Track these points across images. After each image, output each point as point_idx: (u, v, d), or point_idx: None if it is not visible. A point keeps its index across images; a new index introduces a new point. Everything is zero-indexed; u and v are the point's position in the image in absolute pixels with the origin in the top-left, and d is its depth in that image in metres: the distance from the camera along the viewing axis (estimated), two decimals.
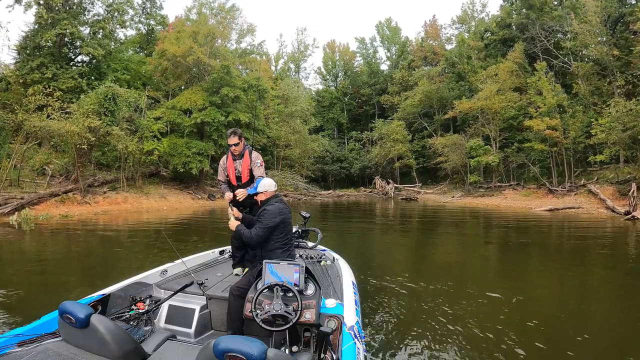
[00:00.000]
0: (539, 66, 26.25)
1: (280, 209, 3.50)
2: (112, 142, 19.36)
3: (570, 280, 6.92)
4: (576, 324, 4.63)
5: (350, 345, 2.50)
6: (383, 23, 52.64)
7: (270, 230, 3.41)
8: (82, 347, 2.17)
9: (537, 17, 31.26)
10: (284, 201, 3.71)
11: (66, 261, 8.42)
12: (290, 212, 3.68)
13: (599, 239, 11.54)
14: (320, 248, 5.10)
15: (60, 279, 6.69)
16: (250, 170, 4.23)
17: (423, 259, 9.41)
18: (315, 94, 52.71)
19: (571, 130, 23.73)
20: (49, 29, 24.91)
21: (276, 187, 3.73)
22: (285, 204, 3.68)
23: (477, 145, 28.93)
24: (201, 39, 26.69)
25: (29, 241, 11.17)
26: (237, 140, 4.12)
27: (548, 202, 21.61)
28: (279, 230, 3.47)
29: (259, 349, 1.69)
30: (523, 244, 10.90)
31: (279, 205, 3.53)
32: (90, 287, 2.81)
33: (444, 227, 15.43)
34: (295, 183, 34.77)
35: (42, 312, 2.73)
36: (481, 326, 4.38)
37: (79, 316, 2.13)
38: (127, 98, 20.72)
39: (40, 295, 5.68)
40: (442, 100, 37.86)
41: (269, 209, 3.48)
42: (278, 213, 3.46)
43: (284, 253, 3.48)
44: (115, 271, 6.88)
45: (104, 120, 18.97)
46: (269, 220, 3.41)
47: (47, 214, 16.45)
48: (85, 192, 19.38)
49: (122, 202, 20.31)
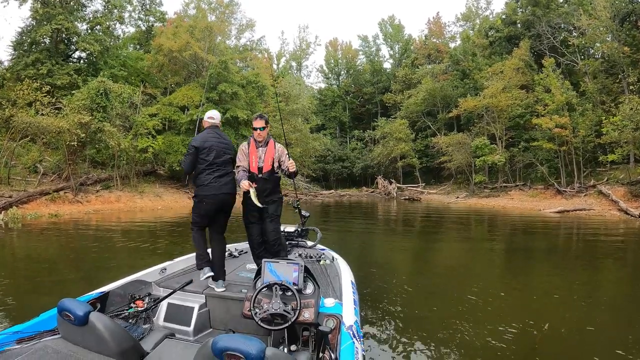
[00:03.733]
0: (547, 63, 25.49)
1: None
2: (103, 139, 18.66)
3: (596, 292, 6.21)
4: (588, 339, 4.20)
5: (349, 344, 2.48)
6: (386, 21, 52.12)
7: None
8: (81, 344, 2.15)
9: (543, 14, 30.59)
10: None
11: (47, 263, 7.84)
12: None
13: (615, 242, 10.82)
14: (319, 247, 5.04)
15: (36, 281, 6.23)
16: (273, 160, 3.94)
17: (425, 261, 9.10)
18: (317, 92, 52.16)
19: (580, 128, 22.94)
20: (44, 24, 24.44)
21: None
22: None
23: (482, 144, 28.15)
24: (198, 34, 26.04)
25: (10, 241, 10.63)
26: (263, 124, 3.86)
27: (557, 203, 20.82)
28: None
29: (257, 348, 1.67)
30: (535, 249, 10.18)
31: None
32: (57, 297, 2.42)
33: (450, 229, 14.73)
34: (296, 182, 34.12)
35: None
36: (482, 329, 4.32)
37: (78, 314, 2.12)
38: (120, 93, 20.03)
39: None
40: (446, 98, 37.18)
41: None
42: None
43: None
44: (96, 276, 6.35)
45: (96, 116, 18.32)
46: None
47: (36, 213, 15.86)
48: (77, 191, 18.78)
49: (115, 201, 19.69)
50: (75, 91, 20.76)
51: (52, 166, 20.52)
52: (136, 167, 23.53)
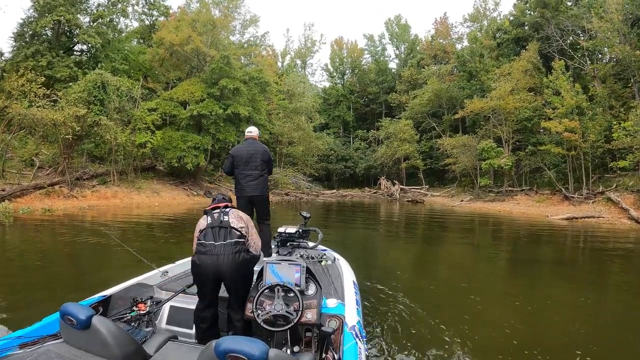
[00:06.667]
0: (557, 65, 24.86)
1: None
2: (100, 132, 18.21)
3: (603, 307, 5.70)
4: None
5: (352, 345, 2.50)
6: (392, 20, 51.47)
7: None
8: (83, 348, 2.14)
9: (552, 16, 29.95)
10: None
11: (33, 262, 7.39)
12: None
13: (627, 252, 10.29)
14: (320, 248, 5.05)
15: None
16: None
17: (427, 264, 8.96)
18: (321, 91, 51.71)
19: (590, 133, 22.33)
20: (46, 16, 24.04)
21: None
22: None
23: (489, 147, 27.55)
24: (200, 27, 25.54)
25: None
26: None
27: (565, 210, 20.22)
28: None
29: (260, 350, 1.67)
30: (542, 259, 9.69)
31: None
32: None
33: (454, 233, 14.23)
34: (297, 181, 33.71)
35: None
36: (483, 333, 4.37)
37: (80, 318, 2.12)
38: (118, 87, 19.56)
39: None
40: (452, 99, 36.62)
41: None
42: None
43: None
44: (74, 283, 6.02)
45: (92, 109, 17.87)
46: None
47: (29, 207, 15.47)
48: (72, 185, 18.37)
49: (112, 196, 19.25)
50: (72, 83, 20.33)
51: (49, 160, 20.11)
52: (134, 162, 23.09)
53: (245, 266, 2.89)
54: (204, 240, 2.87)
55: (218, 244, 2.84)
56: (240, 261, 2.83)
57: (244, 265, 2.87)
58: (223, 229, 2.92)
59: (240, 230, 2.95)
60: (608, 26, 23.82)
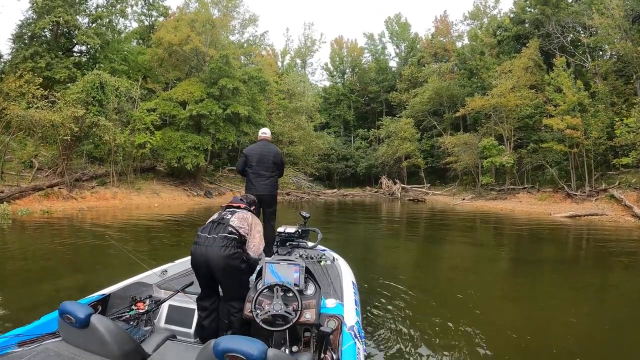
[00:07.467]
0: (558, 61, 24.69)
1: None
2: (98, 133, 18.13)
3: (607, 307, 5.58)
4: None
5: (351, 345, 2.50)
6: (392, 19, 51.36)
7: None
8: (82, 347, 2.14)
9: (552, 13, 29.78)
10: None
11: (32, 262, 7.31)
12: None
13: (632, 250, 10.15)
14: (320, 248, 5.04)
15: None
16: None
17: (428, 264, 8.83)
18: (321, 90, 51.60)
19: (593, 130, 22.16)
20: (44, 17, 23.97)
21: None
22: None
23: (490, 145, 27.37)
24: (199, 27, 25.43)
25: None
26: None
27: (567, 207, 20.08)
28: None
29: (259, 349, 1.66)
30: (547, 258, 9.56)
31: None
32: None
33: (455, 232, 14.08)
34: (298, 181, 33.61)
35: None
36: (483, 334, 4.26)
37: (79, 316, 2.11)
38: (116, 87, 19.47)
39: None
40: (453, 97, 36.41)
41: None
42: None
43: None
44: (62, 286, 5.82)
45: (91, 110, 17.78)
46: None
47: (28, 209, 15.37)
48: (71, 187, 18.29)
49: (111, 197, 19.16)
50: (71, 84, 20.25)
51: (48, 161, 20.04)
52: (134, 163, 23.00)
53: (231, 260, 2.90)
54: (201, 232, 3.03)
55: (210, 236, 2.95)
56: (225, 255, 2.86)
57: (230, 258, 2.88)
58: (220, 224, 3.04)
59: (238, 230, 3.03)
60: (609, 22, 23.64)
